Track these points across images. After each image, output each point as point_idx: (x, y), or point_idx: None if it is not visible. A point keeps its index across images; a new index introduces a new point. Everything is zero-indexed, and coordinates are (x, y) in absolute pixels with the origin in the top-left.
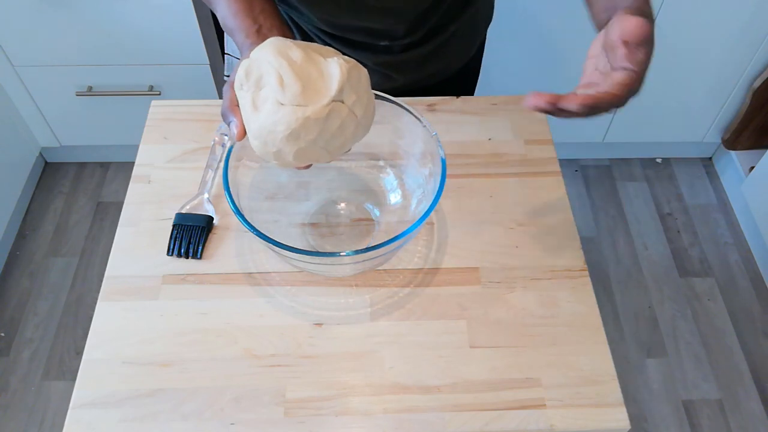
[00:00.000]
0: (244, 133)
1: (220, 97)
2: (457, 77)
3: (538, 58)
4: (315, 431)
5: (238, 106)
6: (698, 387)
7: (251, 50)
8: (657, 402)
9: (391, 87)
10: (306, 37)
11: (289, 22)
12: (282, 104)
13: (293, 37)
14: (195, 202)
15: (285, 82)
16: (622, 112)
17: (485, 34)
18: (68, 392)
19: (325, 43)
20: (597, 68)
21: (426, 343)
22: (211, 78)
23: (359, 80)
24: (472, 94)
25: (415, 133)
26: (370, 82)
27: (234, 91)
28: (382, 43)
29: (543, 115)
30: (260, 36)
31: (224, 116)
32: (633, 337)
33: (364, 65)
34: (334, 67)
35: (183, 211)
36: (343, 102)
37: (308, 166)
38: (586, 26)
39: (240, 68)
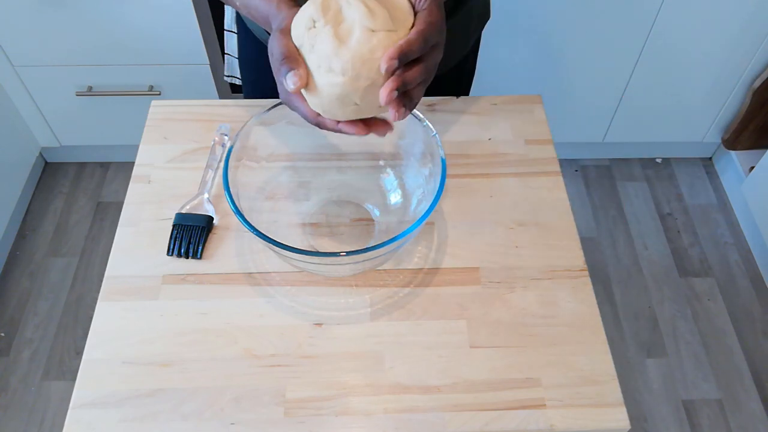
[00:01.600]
0: (306, 81)
1: (220, 97)
2: (451, 76)
3: (539, 57)
4: (315, 431)
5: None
6: (698, 387)
7: (289, 13)
8: (657, 402)
9: None
10: None
11: None
12: (374, 30)
13: None
14: (195, 202)
15: (372, 9)
16: (622, 112)
17: (480, 33)
18: (68, 392)
19: None
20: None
21: (426, 343)
22: (211, 78)
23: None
24: (467, 94)
25: (415, 133)
26: None
27: (289, 38)
28: None
29: (543, 115)
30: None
31: (281, 67)
32: (633, 337)
33: None
34: None
35: (183, 211)
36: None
37: (367, 130)
38: (587, 25)
39: (308, 7)
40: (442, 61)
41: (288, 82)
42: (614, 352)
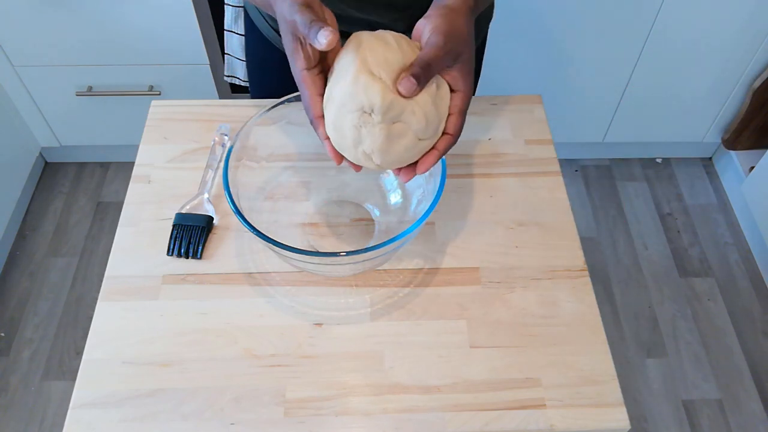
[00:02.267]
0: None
1: (220, 97)
2: None
3: (539, 57)
4: (315, 431)
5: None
6: (698, 387)
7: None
8: (657, 402)
9: None
10: None
11: None
12: (421, 140)
13: None
14: (195, 202)
15: (428, 116)
16: (622, 112)
17: (486, 33)
18: (68, 392)
19: None
20: None
21: (426, 343)
22: (211, 78)
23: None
24: (474, 93)
25: None
26: None
27: (312, 10)
28: None
29: (543, 115)
30: None
31: (311, 27)
32: (633, 337)
33: None
34: (446, 90)
35: (183, 211)
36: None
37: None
38: (587, 25)
39: (372, 90)
40: None
41: (320, 38)
42: (614, 352)
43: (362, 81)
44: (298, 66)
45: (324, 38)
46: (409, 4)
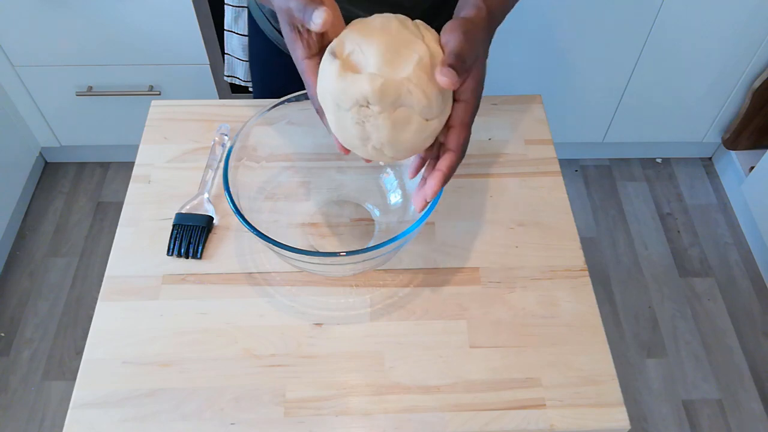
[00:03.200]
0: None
1: (220, 97)
2: None
3: (539, 57)
4: (315, 431)
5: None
6: (698, 387)
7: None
8: (657, 402)
9: None
10: None
11: None
12: (428, 120)
13: None
14: (195, 202)
15: (429, 95)
16: (622, 112)
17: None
18: (68, 392)
19: None
20: None
21: (426, 343)
22: (211, 78)
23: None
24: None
25: None
26: None
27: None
28: None
29: (543, 115)
30: None
31: (306, 9)
32: (633, 337)
33: None
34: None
35: (183, 211)
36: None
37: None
38: (587, 25)
39: (362, 83)
40: None
41: (315, 18)
42: (614, 352)
43: (348, 77)
44: (298, 55)
45: (319, 18)
46: (416, 3)
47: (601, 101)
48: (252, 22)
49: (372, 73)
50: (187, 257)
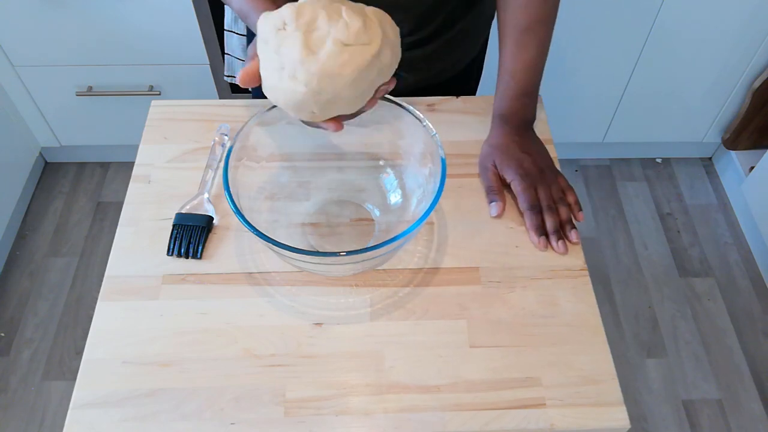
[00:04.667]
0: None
1: (220, 97)
2: (462, 75)
3: None
4: (315, 431)
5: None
6: (698, 387)
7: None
8: (657, 402)
9: (399, 87)
10: None
11: None
12: (346, 45)
13: None
14: (195, 202)
15: (348, 21)
16: (622, 112)
17: (489, 32)
18: (68, 392)
19: None
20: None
21: (426, 343)
22: (211, 78)
23: (386, 17)
24: (475, 92)
25: (415, 133)
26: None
27: (256, 49)
28: None
29: (543, 115)
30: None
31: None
32: (633, 337)
33: None
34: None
35: (183, 211)
36: (389, 37)
37: (340, 125)
38: (587, 25)
39: (283, 9)
40: (456, 63)
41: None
42: (614, 352)
43: (274, 12)
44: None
45: (239, 77)
46: (413, 5)
47: (601, 101)
48: None
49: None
50: (187, 257)
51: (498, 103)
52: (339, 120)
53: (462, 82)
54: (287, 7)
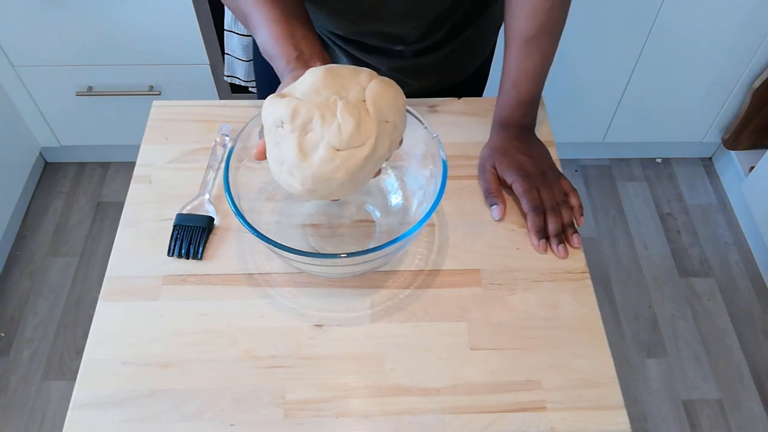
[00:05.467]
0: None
1: (220, 98)
2: (469, 81)
3: None
4: None
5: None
6: (698, 387)
7: (292, 76)
8: (657, 402)
9: (406, 93)
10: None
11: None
12: (338, 150)
13: (334, 62)
14: (196, 202)
15: (341, 124)
16: (622, 112)
17: (496, 39)
18: (68, 392)
19: (339, 48)
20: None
21: (426, 345)
22: (212, 78)
23: (396, 95)
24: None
25: (417, 134)
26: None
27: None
28: (397, 48)
29: (544, 116)
30: (301, 62)
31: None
32: (633, 337)
33: (378, 70)
34: (373, 84)
35: (184, 212)
36: (387, 121)
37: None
38: (587, 26)
39: (281, 107)
40: (464, 69)
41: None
42: (614, 353)
43: (276, 101)
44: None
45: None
46: (425, 12)
47: (601, 101)
48: None
49: (293, 97)
50: (187, 258)
51: (499, 110)
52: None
53: (469, 88)
54: (285, 105)
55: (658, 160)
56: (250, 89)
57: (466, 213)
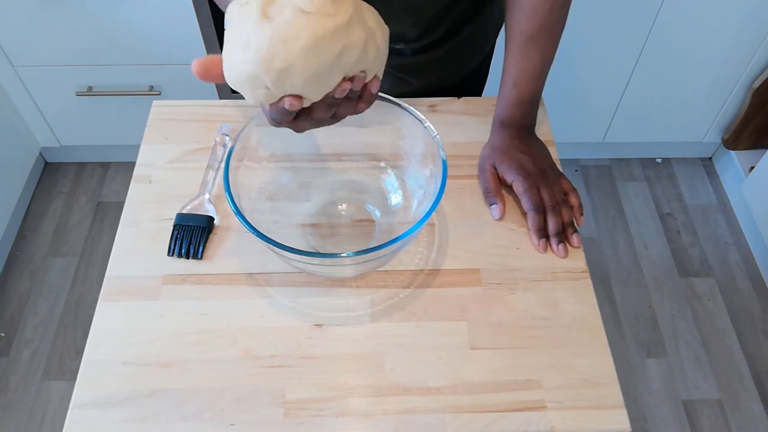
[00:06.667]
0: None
1: (220, 97)
2: (468, 80)
3: None
4: None
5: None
6: (698, 387)
7: None
8: (657, 402)
9: (405, 91)
10: None
11: None
12: (307, 12)
13: None
14: (196, 202)
15: None
16: (622, 112)
17: (495, 39)
18: (68, 392)
19: None
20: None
21: (426, 345)
22: None
23: (373, 12)
24: (480, 96)
25: (417, 134)
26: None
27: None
28: (397, 46)
29: (544, 116)
30: None
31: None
32: (633, 337)
33: None
34: None
35: (184, 212)
36: (365, 21)
37: (298, 100)
38: (587, 25)
39: None
40: (462, 68)
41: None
42: (614, 352)
43: None
44: None
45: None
46: (424, 9)
47: (601, 101)
48: None
49: None
50: (187, 258)
51: (499, 110)
52: (299, 97)
53: (468, 86)
54: None
55: (658, 160)
56: None
57: (466, 212)
